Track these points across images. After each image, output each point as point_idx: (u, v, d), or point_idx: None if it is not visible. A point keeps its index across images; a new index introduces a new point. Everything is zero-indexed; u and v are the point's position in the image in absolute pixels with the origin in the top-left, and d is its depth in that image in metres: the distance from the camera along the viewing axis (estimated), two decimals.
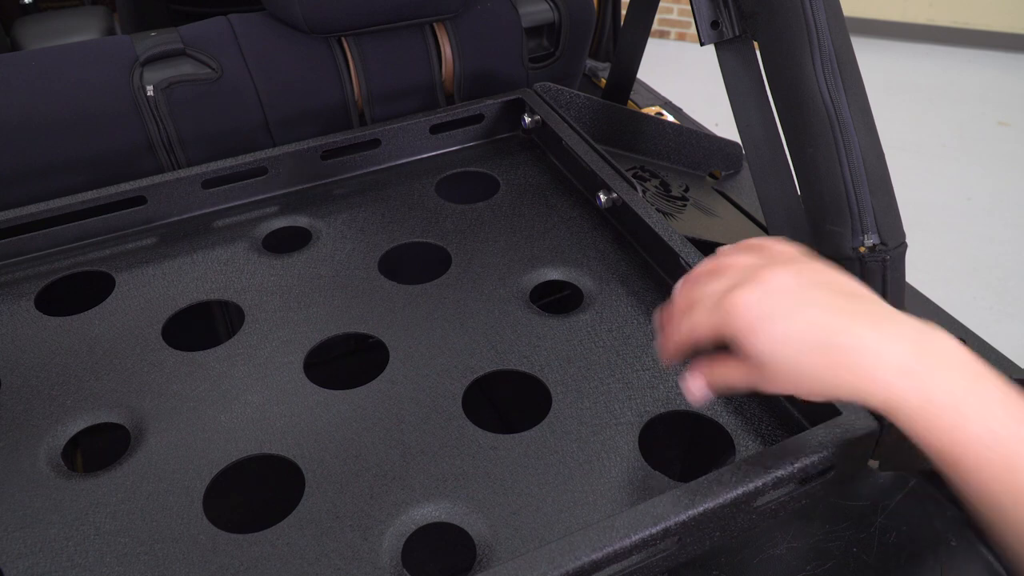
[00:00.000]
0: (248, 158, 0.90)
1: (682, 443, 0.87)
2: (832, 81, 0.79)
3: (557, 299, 0.97)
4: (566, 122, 0.94)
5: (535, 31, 1.15)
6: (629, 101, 1.36)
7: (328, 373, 0.74)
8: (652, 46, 0.84)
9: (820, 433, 0.60)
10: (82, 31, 1.29)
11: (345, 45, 1.01)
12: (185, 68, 0.95)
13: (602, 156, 0.88)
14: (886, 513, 0.80)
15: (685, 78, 2.90)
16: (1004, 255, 2.58)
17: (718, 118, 1.36)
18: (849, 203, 0.78)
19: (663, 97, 1.37)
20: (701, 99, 2.27)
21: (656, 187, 1.04)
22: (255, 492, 0.75)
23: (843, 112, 0.79)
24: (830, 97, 0.79)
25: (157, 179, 0.87)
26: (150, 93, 0.94)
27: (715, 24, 0.87)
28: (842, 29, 0.80)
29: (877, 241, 0.79)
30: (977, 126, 3.27)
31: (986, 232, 2.67)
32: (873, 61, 3.75)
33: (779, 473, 0.57)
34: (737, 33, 0.86)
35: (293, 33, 0.98)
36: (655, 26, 3.95)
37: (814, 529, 0.79)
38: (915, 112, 3.36)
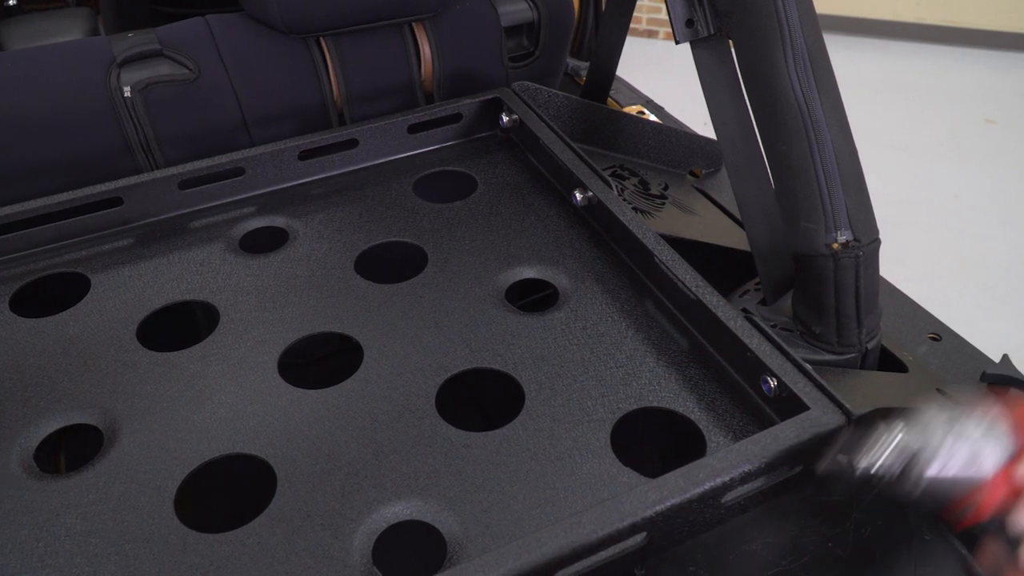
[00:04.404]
0: (225, 159, 0.90)
1: (656, 440, 0.87)
2: (804, 79, 0.79)
3: (540, 298, 0.97)
4: (543, 121, 0.94)
5: (515, 30, 1.15)
6: (611, 100, 1.37)
7: (307, 376, 0.74)
8: (642, 45, 0.85)
9: (788, 428, 0.60)
10: (66, 32, 1.28)
11: (324, 45, 1.01)
12: (162, 69, 0.95)
13: (578, 154, 0.88)
14: (861, 508, 0.80)
15: (674, 77, 2.90)
16: (991, 252, 2.59)
17: (706, 117, 1.36)
18: (822, 200, 0.79)
19: (645, 96, 1.37)
20: (690, 98, 2.26)
21: (635, 185, 1.04)
22: (228, 492, 0.75)
23: (816, 110, 0.79)
24: (803, 95, 0.79)
25: (133, 180, 0.87)
26: (127, 94, 0.94)
27: (690, 22, 0.87)
28: (814, 27, 0.81)
29: (850, 238, 0.79)
30: (965, 124, 3.28)
31: (974, 229, 2.68)
32: (863, 59, 3.76)
33: (747, 468, 0.58)
34: (712, 31, 0.87)
35: (271, 33, 0.98)
36: (644, 25, 3.95)
37: (789, 524, 0.79)
38: (905, 110, 3.37)
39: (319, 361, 0.92)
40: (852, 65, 3.69)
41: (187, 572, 0.58)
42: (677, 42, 0.88)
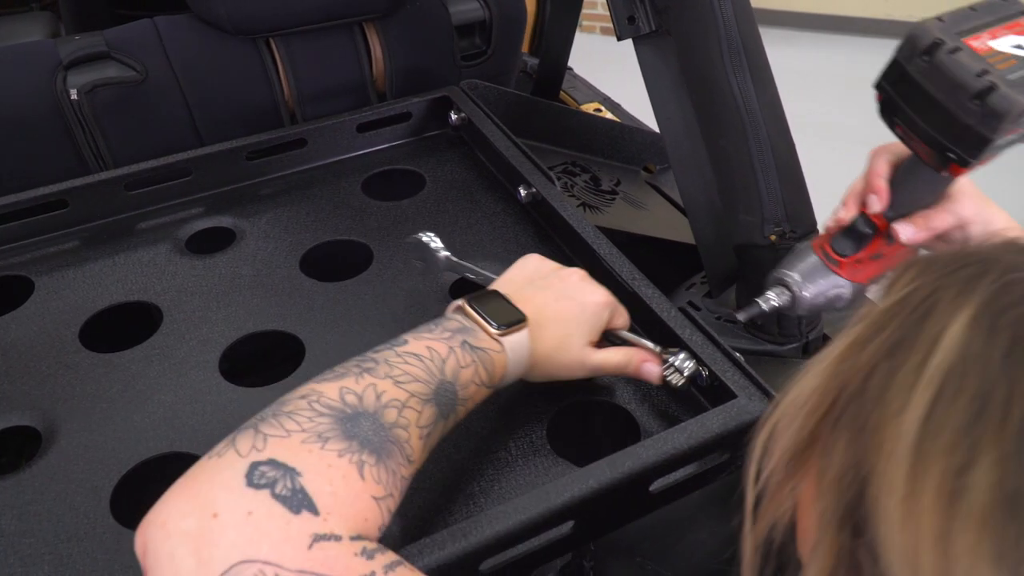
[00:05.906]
0: (171, 159, 0.90)
1: (593, 431, 0.88)
2: (740, 74, 0.80)
3: None
4: (490, 118, 0.95)
5: (467, 29, 1.15)
6: (568, 97, 1.38)
7: (252, 376, 0.74)
8: (621, 44, 0.85)
9: (715, 416, 0.61)
10: (28, 37, 1.28)
11: (273, 46, 1.02)
12: (109, 71, 0.95)
13: (522, 151, 0.89)
14: None
15: None
16: None
17: None
18: (759, 192, 0.80)
19: (602, 93, 1.38)
20: None
21: (585, 182, 1.05)
22: (165, 490, 0.75)
23: (751, 103, 0.80)
24: (738, 89, 0.80)
25: (78, 182, 0.87)
26: (74, 97, 0.94)
27: (632, 19, 0.88)
28: (750, 22, 0.82)
29: (788, 229, 0.80)
30: None
31: None
32: (833, 56, 3.79)
33: (672, 455, 0.58)
34: (653, 28, 0.87)
35: (218, 34, 0.99)
36: None
37: (737, 513, 0.80)
38: (875, 106, 3.40)
39: (267, 364, 0.92)
40: (822, 61, 3.72)
41: (120, 570, 0.58)
42: (619, 39, 0.89)
